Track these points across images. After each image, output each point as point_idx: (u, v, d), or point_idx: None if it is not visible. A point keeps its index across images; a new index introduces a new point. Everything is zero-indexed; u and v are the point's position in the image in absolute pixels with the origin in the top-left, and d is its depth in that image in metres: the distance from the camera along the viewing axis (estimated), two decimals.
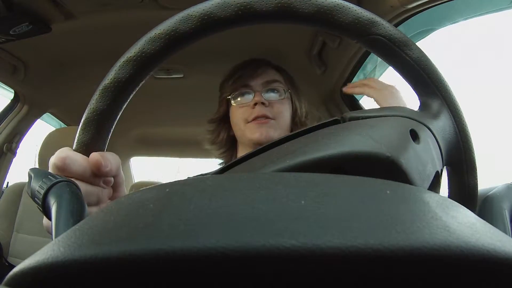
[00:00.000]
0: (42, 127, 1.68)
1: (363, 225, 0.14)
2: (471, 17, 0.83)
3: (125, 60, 0.27)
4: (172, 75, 1.33)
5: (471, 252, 0.13)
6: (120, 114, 0.30)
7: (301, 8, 0.26)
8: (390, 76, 1.16)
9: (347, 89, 0.87)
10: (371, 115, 0.27)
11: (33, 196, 0.26)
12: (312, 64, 1.22)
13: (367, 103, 1.31)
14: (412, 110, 0.29)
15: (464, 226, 0.15)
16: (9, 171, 1.54)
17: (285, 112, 0.77)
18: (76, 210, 0.23)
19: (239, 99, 0.77)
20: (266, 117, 0.73)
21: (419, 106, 0.30)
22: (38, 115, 1.53)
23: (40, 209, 0.26)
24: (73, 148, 0.31)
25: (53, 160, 0.30)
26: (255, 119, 0.73)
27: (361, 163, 0.21)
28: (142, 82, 0.29)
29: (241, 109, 0.76)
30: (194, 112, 1.58)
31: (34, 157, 1.43)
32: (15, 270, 0.14)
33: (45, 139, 1.33)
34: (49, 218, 0.24)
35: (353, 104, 1.30)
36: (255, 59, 0.83)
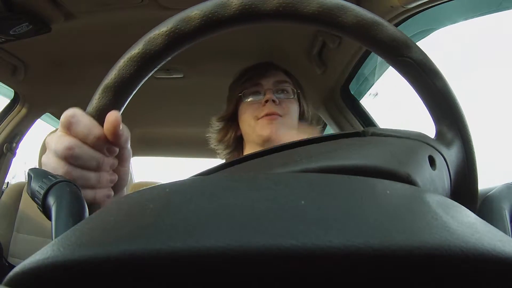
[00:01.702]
0: (42, 127, 1.68)
1: (363, 225, 0.14)
2: (471, 17, 0.83)
3: (158, 33, 0.27)
4: (172, 75, 1.33)
5: (471, 252, 0.13)
6: (137, 88, 0.30)
7: (340, 17, 0.26)
8: (390, 77, 1.16)
9: None
10: (392, 134, 0.28)
11: (33, 196, 0.26)
12: (312, 64, 1.22)
13: (367, 103, 1.31)
14: (429, 137, 0.29)
15: (464, 226, 0.15)
16: (9, 171, 1.54)
17: (294, 111, 0.79)
18: (76, 210, 0.23)
19: (250, 96, 0.79)
20: (276, 114, 0.75)
21: (435, 134, 0.30)
22: (38, 115, 1.53)
23: (40, 209, 0.26)
24: (85, 111, 0.30)
25: (61, 118, 0.30)
26: (265, 115, 0.75)
27: (382, 178, 0.22)
28: (169, 58, 0.29)
29: (251, 106, 0.78)
30: (194, 112, 1.58)
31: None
32: (15, 270, 0.14)
33: (45, 139, 1.33)
34: (49, 218, 0.24)
35: (353, 104, 1.30)
36: (264, 62, 0.86)
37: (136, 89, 0.30)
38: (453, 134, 0.29)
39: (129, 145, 0.34)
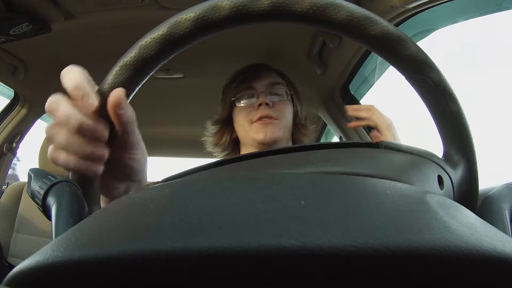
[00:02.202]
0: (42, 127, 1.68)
1: (363, 225, 0.14)
2: (471, 17, 0.83)
3: (185, 18, 0.27)
4: (172, 75, 1.33)
5: (471, 252, 0.13)
6: (154, 70, 0.29)
7: (368, 29, 0.27)
8: (390, 77, 1.16)
9: (352, 112, 0.90)
10: (405, 150, 0.29)
11: (33, 196, 0.26)
12: (312, 64, 1.22)
13: (367, 103, 1.31)
14: (439, 157, 0.30)
15: (464, 226, 0.15)
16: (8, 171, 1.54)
17: (287, 113, 0.79)
18: (76, 210, 0.23)
19: (243, 100, 0.79)
20: (270, 117, 0.75)
21: (443, 154, 0.31)
22: (38, 115, 1.53)
23: (40, 209, 0.26)
24: (99, 87, 0.30)
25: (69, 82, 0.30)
26: (259, 119, 0.75)
27: None
28: (190, 45, 0.28)
29: (245, 110, 0.78)
30: (194, 112, 1.58)
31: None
32: (15, 270, 0.14)
33: (45, 139, 1.33)
34: (49, 218, 0.24)
35: (354, 104, 1.30)
36: (257, 64, 0.85)
37: (153, 71, 0.29)
38: (460, 157, 0.30)
39: (134, 130, 0.32)
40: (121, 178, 0.35)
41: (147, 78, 0.29)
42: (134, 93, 0.30)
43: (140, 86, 0.30)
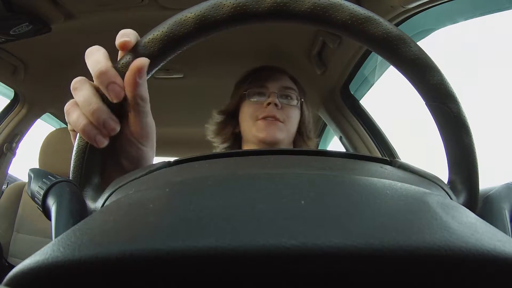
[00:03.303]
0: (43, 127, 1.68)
1: (363, 225, 0.14)
2: (471, 17, 0.83)
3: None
4: (172, 75, 1.33)
5: (471, 252, 0.13)
6: (182, 48, 0.28)
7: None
8: (390, 77, 1.16)
9: None
10: (416, 171, 0.29)
11: (33, 196, 0.26)
12: (312, 64, 1.22)
13: (367, 103, 1.31)
14: (444, 182, 0.30)
15: (464, 226, 0.15)
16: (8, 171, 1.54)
17: (294, 118, 0.80)
18: (76, 210, 0.23)
19: (254, 96, 0.80)
20: (276, 118, 0.76)
21: (448, 181, 0.31)
22: (38, 115, 1.53)
23: (40, 209, 0.26)
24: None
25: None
26: (265, 118, 0.75)
27: None
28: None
29: (253, 106, 0.79)
30: (194, 112, 1.57)
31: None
32: (15, 270, 0.14)
33: (45, 139, 1.33)
34: (49, 218, 0.24)
35: (354, 105, 1.30)
36: (271, 65, 0.87)
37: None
38: (463, 187, 0.30)
39: (146, 112, 0.30)
40: (120, 169, 0.33)
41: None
42: None
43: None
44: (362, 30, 0.26)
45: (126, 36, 0.28)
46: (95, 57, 0.29)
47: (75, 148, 0.29)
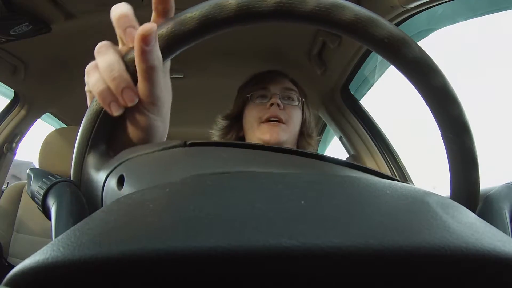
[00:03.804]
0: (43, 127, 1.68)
1: (363, 225, 0.14)
2: (471, 17, 0.83)
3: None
4: (172, 75, 1.32)
5: (471, 252, 0.13)
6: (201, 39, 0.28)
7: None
8: (390, 77, 1.16)
9: None
10: None
11: (33, 196, 0.26)
12: (312, 64, 1.22)
13: (367, 104, 1.31)
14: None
15: (464, 226, 0.15)
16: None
17: (296, 119, 0.82)
18: (76, 210, 0.23)
19: (256, 98, 0.82)
20: (279, 119, 0.78)
21: (450, 195, 0.32)
22: (38, 115, 1.53)
23: (40, 209, 0.26)
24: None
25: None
26: (268, 120, 0.78)
27: None
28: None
29: (256, 108, 0.81)
30: (194, 112, 1.58)
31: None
32: (15, 270, 0.14)
33: (45, 139, 1.33)
34: (49, 218, 0.24)
35: (354, 105, 1.30)
36: (273, 70, 0.89)
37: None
38: (464, 202, 0.30)
39: (157, 82, 0.28)
40: (128, 139, 0.31)
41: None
42: None
43: None
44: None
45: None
46: (120, 8, 0.28)
47: (88, 111, 0.29)
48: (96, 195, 0.26)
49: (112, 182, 0.25)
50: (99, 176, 0.27)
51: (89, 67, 0.29)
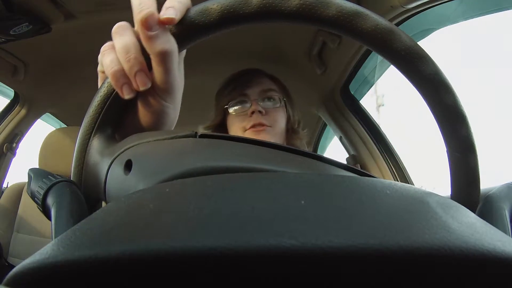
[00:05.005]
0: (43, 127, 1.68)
1: (363, 225, 0.14)
2: (471, 17, 0.83)
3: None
4: None
5: (471, 252, 0.13)
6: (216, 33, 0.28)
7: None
8: (390, 77, 1.16)
9: None
10: None
11: (33, 196, 0.26)
12: (312, 64, 1.22)
13: (367, 103, 1.31)
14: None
15: (464, 226, 0.15)
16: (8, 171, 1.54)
17: (280, 120, 0.80)
18: (76, 210, 0.23)
19: (236, 107, 0.79)
20: (263, 124, 0.76)
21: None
22: (38, 115, 1.53)
23: (40, 209, 0.26)
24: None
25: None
26: (252, 127, 0.75)
27: None
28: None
29: (238, 117, 0.78)
30: (193, 112, 1.57)
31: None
32: (15, 270, 0.14)
33: (45, 139, 1.33)
34: (49, 218, 0.24)
35: (354, 105, 1.30)
36: (249, 69, 0.86)
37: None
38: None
39: (171, 68, 0.28)
40: (137, 125, 0.31)
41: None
42: None
43: None
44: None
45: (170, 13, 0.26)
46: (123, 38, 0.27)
47: (99, 92, 0.28)
48: (99, 178, 0.26)
49: (118, 167, 0.25)
50: (104, 159, 0.26)
51: (105, 47, 0.29)
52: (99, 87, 0.29)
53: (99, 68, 0.30)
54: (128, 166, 0.24)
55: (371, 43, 0.27)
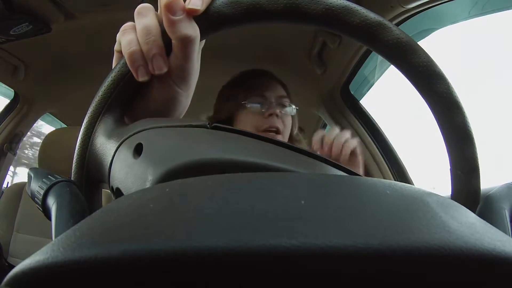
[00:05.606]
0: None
1: (363, 225, 0.14)
2: (471, 17, 0.83)
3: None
4: None
5: (471, 252, 0.13)
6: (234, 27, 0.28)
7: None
8: (390, 77, 1.16)
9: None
10: None
11: (33, 196, 0.26)
12: (312, 64, 1.22)
13: (367, 103, 1.31)
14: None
15: (464, 226, 0.15)
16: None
17: (289, 126, 0.82)
18: (76, 210, 0.23)
19: (254, 105, 0.79)
20: (277, 130, 0.77)
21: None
22: (38, 115, 1.53)
23: (40, 209, 0.26)
24: None
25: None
26: (266, 130, 0.76)
27: None
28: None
29: (254, 116, 0.79)
30: (193, 112, 1.57)
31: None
32: (15, 270, 0.14)
33: (45, 139, 1.34)
34: (49, 218, 0.24)
35: (353, 104, 1.30)
36: (263, 70, 0.86)
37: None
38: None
39: (191, 56, 0.27)
40: (147, 109, 0.30)
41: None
42: None
43: None
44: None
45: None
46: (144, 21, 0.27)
47: (113, 72, 0.28)
48: (105, 160, 0.26)
49: (127, 150, 0.24)
50: (111, 140, 0.26)
51: (126, 26, 0.29)
52: (113, 66, 0.29)
53: (116, 47, 0.29)
54: (138, 150, 0.23)
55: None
